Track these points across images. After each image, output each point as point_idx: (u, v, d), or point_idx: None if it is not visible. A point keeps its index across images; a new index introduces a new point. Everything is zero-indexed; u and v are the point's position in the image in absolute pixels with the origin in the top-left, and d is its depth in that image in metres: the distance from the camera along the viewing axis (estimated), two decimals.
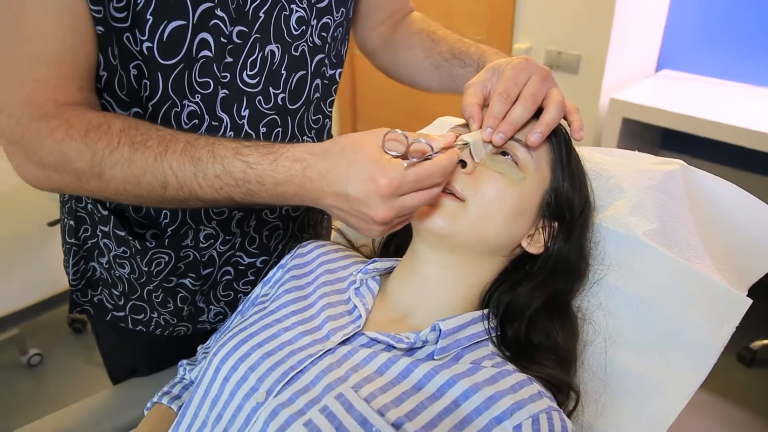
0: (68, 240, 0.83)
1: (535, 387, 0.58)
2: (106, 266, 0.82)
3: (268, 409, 0.55)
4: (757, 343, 2.00)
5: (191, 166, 0.57)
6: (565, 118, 0.66)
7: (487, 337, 0.65)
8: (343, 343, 0.62)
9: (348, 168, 0.52)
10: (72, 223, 0.80)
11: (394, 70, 0.93)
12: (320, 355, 0.60)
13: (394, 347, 0.61)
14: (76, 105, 0.61)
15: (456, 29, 0.86)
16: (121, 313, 0.86)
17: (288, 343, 0.62)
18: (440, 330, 0.60)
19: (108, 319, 0.87)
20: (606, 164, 0.77)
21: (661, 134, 2.34)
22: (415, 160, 0.54)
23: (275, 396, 0.56)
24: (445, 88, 0.84)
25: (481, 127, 0.64)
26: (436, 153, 0.56)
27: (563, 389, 0.63)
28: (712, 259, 0.72)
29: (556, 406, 0.57)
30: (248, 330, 0.65)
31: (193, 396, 0.64)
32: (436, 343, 0.61)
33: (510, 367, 0.61)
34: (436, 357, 0.60)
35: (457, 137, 0.61)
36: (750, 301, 0.63)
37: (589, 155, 0.78)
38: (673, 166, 0.78)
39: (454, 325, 0.62)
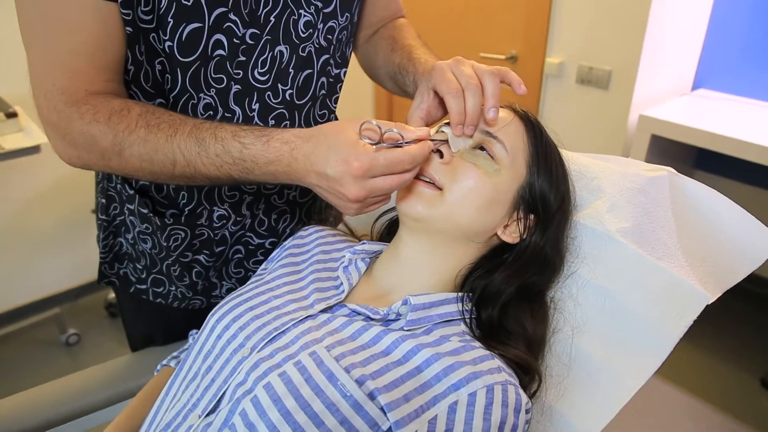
0: (100, 216, 0.93)
1: (496, 362, 0.63)
2: (131, 241, 0.91)
3: (250, 362, 0.62)
4: None
5: (196, 146, 0.65)
6: (503, 82, 0.71)
7: (460, 317, 0.70)
8: (325, 311, 0.69)
9: (327, 150, 0.60)
10: (103, 201, 0.90)
11: (368, 70, 0.99)
12: (302, 319, 0.67)
13: (371, 318, 0.67)
14: (103, 94, 0.70)
15: (492, 42, 0.89)
16: (143, 286, 0.95)
17: (276, 309, 0.69)
18: (411, 303, 0.66)
19: (131, 291, 0.97)
20: (591, 166, 0.81)
21: (695, 154, 2.31)
22: (384, 145, 0.60)
23: (258, 351, 0.63)
24: (401, 95, 0.89)
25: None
26: (408, 142, 0.62)
27: (528, 371, 0.67)
28: (689, 260, 0.75)
29: (514, 382, 0.62)
30: (243, 296, 0.72)
31: (190, 351, 0.72)
32: (407, 316, 0.66)
33: (476, 344, 0.66)
34: (405, 328, 0.66)
35: (430, 131, 0.67)
36: (711, 298, 0.66)
37: (575, 158, 0.82)
38: (660, 172, 0.81)
39: (425, 301, 0.67)
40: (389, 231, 0.89)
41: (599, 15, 2.00)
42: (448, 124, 0.75)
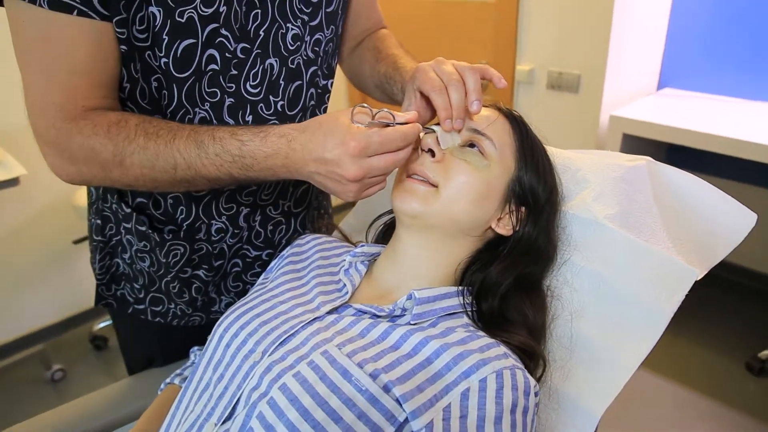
0: (95, 238, 0.93)
1: (502, 349, 0.65)
2: (128, 261, 0.92)
3: (263, 366, 0.63)
4: (765, 353, 2.00)
5: (195, 148, 0.68)
6: (484, 78, 0.74)
7: (462, 310, 0.72)
8: (331, 312, 0.70)
9: (324, 137, 0.63)
10: (99, 221, 0.91)
11: (354, 81, 1.03)
12: (310, 321, 0.68)
13: (378, 316, 0.69)
14: (100, 109, 0.72)
15: (464, 53, 0.93)
16: (142, 306, 0.95)
17: (283, 313, 0.70)
18: (416, 297, 0.68)
19: (129, 311, 0.97)
20: (575, 159, 0.85)
21: (665, 150, 2.39)
22: (376, 122, 0.64)
23: (269, 355, 0.64)
24: (390, 103, 0.93)
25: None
26: (398, 124, 0.65)
27: (532, 356, 0.69)
28: (673, 241, 0.78)
29: (521, 366, 0.64)
30: (248, 305, 0.74)
31: (199, 363, 0.73)
32: (413, 310, 0.68)
33: (481, 333, 0.68)
34: (412, 322, 0.68)
35: (417, 115, 0.70)
36: (697, 272, 0.69)
37: (559, 152, 0.86)
38: (640, 161, 0.85)
39: (428, 295, 0.69)
40: (384, 235, 0.91)
41: (565, 22, 2.08)
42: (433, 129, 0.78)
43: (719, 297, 2.22)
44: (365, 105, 0.66)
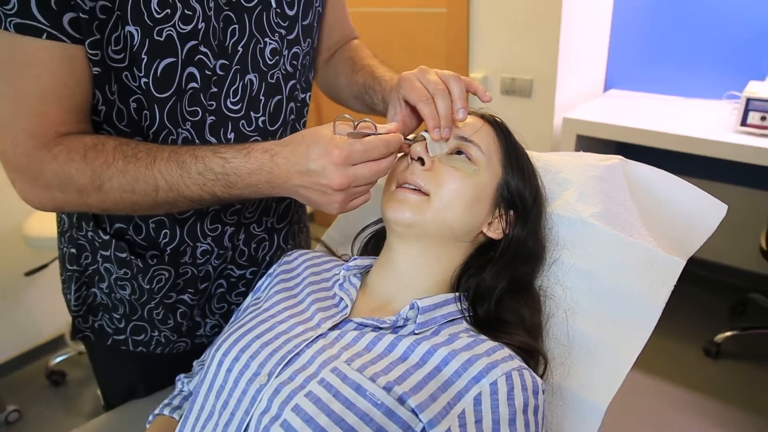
0: (69, 267, 0.88)
1: (506, 351, 0.66)
2: (107, 291, 0.88)
3: (270, 389, 0.62)
4: (720, 336, 2.11)
5: (177, 169, 0.66)
6: (468, 91, 0.76)
7: (461, 316, 0.73)
8: (333, 328, 0.69)
9: (307, 149, 0.63)
10: (73, 250, 0.86)
11: (329, 92, 1.03)
12: (314, 339, 0.67)
13: (380, 328, 0.68)
14: (74, 134, 0.69)
15: (417, 63, 0.94)
16: (122, 336, 0.91)
17: (283, 333, 0.69)
18: (418, 307, 0.68)
19: (109, 343, 0.92)
20: (554, 161, 0.88)
21: (614, 149, 2.50)
22: (358, 132, 0.64)
23: (276, 377, 0.63)
24: (368, 113, 0.93)
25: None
26: (379, 134, 0.66)
27: (533, 355, 0.71)
28: (653, 235, 0.82)
29: (526, 366, 0.65)
30: (245, 326, 0.72)
31: (198, 392, 0.70)
32: (416, 319, 0.68)
33: (483, 337, 0.68)
34: (416, 332, 0.68)
35: (399, 126, 0.71)
36: (683, 262, 0.72)
37: (539, 155, 0.88)
38: (613, 160, 0.88)
39: (429, 303, 0.70)
40: (368, 247, 0.91)
41: (516, 29, 2.14)
42: (423, 135, 0.78)
43: (676, 287, 2.34)
44: (347, 116, 0.66)
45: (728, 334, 2.11)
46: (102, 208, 0.71)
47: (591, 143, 2.11)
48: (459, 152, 0.75)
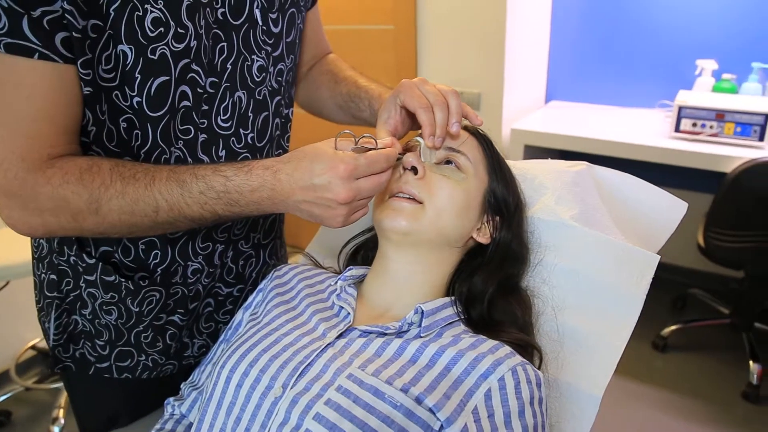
0: (48, 294, 0.85)
1: (507, 348, 0.69)
2: (89, 317, 0.85)
3: (287, 400, 0.62)
4: (666, 330, 2.24)
5: (178, 188, 0.66)
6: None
7: (458, 319, 0.76)
8: (339, 337, 0.70)
9: (310, 164, 0.64)
10: (54, 277, 0.83)
11: (309, 106, 1.05)
12: (323, 348, 0.68)
13: (385, 334, 0.70)
14: (66, 156, 0.67)
15: (370, 77, 0.97)
16: (105, 364, 0.88)
17: (290, 345, 0.69)
18: (422, 311, 0.71)
19: (90, 372, 0.89)
20: (529, 168, 0.93)
21: (558, 157, 2.62)
22: (359, 147, 0.67)
23: (292, 388, 0.63)
24: (351, 122, 0.97)
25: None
26: (379, 148, 0.69)
27: (528, 350, 0.74)
28: (624, 234, 0.88)
29: (528, 361, 0.69)
30: (249, 341, 0.72)
31: (206, 411, 0.69)
32: (420, 324, 0.71)
33: (483, 336, 0.72)
34: (422, 335, 0.70)
35: (393, 142, 0.73)
36: (658, 257, 0.79)
37: (514, 164, 0.93)
38: (581, 166, 0.95)
39: (432, 307, 0.72)
40: (356, 258, 0.92)
41: (462, 45, 2.22)
42: (418, 140, 0.81)
43: None
44: (347, 131, 0.68)
45: (673, 327, 2.25)
46: (97, 232, 0.69)
47: (537, 152, 2.22)
48: (448, 162, 0.78)
